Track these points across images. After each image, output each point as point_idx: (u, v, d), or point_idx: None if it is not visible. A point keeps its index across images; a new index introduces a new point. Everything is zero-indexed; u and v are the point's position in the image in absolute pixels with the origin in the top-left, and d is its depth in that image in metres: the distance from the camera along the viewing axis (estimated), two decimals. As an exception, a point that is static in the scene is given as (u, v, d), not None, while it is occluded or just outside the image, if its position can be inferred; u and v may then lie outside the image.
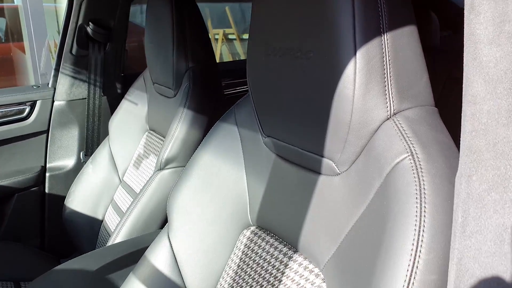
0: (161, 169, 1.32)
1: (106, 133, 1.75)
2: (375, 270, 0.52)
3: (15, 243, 1.67)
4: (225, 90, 2.13)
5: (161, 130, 1.50)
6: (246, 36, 4.41)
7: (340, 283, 0.61)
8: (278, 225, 0.76)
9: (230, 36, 4.47)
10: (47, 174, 1.77)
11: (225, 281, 0.84)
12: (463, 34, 0.39)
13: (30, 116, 1.71)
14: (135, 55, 2.54)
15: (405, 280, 0.49)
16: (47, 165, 1.78)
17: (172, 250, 0.89)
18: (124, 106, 1.70)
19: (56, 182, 1.78)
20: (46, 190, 1.76)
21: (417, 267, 0.49)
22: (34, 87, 1.76)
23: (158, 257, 0.90)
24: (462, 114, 0.41)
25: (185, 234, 0.89)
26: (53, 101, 1.74)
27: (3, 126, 1.66)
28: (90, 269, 1.08)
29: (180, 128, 1.30)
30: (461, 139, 0.40)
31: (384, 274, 0.51)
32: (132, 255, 1.13)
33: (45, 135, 1.76)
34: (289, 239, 0.74)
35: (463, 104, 0.40)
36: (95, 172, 1.66)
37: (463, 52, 0.39)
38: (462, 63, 0.39)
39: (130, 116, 1.66)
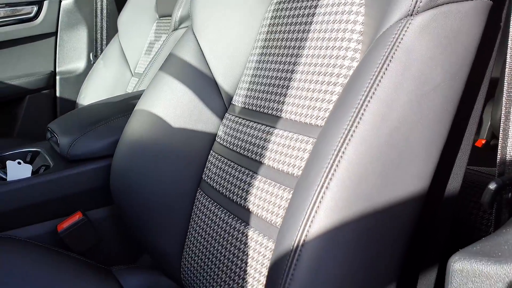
0: (175, 29, 1.31)
1: (114, 34, 1.73)
2: None
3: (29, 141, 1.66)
4: None
5: (172, 10, 1.49)
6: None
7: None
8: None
9: None
10: (58, 78, 1.76)
11: (254, 56, 0.83)
12: None
13: (38, 16, 1.70)
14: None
15: None
16: (57, 69, 1.77)
17: (199, 44, 0.88)
18: (132, 0, 1.69)
19: (67, 85, 1.77)
20: (58, 94, 1.75)
21: None
22: (40, -14, 1.75)
23: (184, 52, 0.89)
24: None
25: (211, 28, 0.88)
26: (60, 1, 1.73)
27: (12, 26, 1.65)
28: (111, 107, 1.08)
29: (193, -15, 1.28)
30: None
31: None
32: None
33: (53, 37, 1.75)
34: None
35: None
36: (106, 67, 1.65)
37: None
38: None
39: (139, 9, 1.65)
